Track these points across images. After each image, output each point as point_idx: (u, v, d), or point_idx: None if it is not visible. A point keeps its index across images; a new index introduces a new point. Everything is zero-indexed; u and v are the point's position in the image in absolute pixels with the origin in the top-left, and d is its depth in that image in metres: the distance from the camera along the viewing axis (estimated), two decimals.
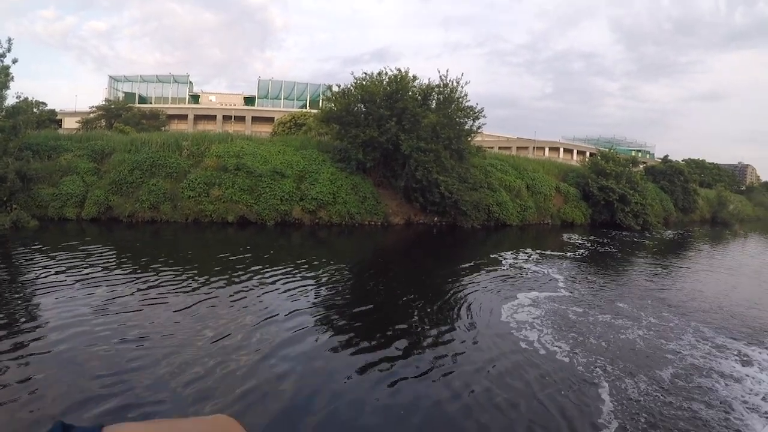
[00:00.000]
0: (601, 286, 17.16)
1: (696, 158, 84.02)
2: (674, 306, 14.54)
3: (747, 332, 12.23)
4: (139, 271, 13.93)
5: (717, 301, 15.72)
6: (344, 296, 13.34)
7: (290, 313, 10.93)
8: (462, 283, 15.55)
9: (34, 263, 14.11)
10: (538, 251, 23.20)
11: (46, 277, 12.73)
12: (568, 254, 23.72)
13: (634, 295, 15.69)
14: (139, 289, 11.99)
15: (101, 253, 16.24)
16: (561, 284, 16.43)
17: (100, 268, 13.85)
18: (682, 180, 53.39)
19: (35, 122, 35.87)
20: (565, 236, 30.75)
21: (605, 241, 30.18)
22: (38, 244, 16.97)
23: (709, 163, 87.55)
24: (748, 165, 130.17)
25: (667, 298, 15.70)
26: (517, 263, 19.73)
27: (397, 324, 10.95)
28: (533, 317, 12.07)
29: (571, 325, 11.74)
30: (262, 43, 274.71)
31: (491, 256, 21.28)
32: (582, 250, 25.41)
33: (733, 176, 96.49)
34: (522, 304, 13.35)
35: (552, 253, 23.53)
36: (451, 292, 14.42)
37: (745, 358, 10.25)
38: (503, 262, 19.80)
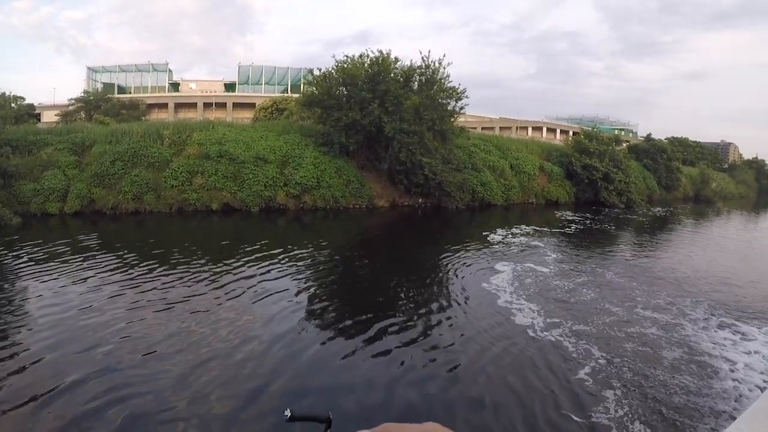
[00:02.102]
0: (589, 259, 17.54)
1: (679, 136, 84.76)
2: (665, 278, 14.98)
3: (723, 301, 12.82)
4: (124, 262, 13.89)
5: (704, 273, 16.12)
6: (332, 280, 13.42)
7: (289, 311, 10.81)
8: (449, 261, 15.70)
9: (20, 261, 13.88)
10: (526, 228, 23.52)
11: (32, 273, 12.73)
12: (558, 230, 24.11)
13: (621, 268, 16.09)
14: (125, 282, 11.95)
15: (86, 247, 16.19)
16: (550, 258, 16.77)
17: (86, 263, 13.78)
18: (665, 158, 53.86)
19: (13, 117, 35.59)
20: (558, 213, 31.28)
21: (594, 217, 30.67)
22: (22, 241, 16.72)
23: (692, 142, 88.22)
24: (730, 143, 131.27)
25: (655, 270, 16.17)
26: (503, 240, 19.99)
27: (387, 305, 11.09)
28: (520, 292, 12.29)
29: (562, 298, 12.02)
30: (243, 28, 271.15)
31: (477, 235, 21.51)
32: (572, 227, 25.83)
33: (715, 154, 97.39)
34: (509, 278, 13.58)
35: (540, 229, 23.87)
36: (439, 271, 14.65)
37: (720, 325, 10.94)
38: (490, 240, 20.05)
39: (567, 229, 24.79)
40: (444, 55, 30.93)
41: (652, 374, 7.67)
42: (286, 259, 14.68)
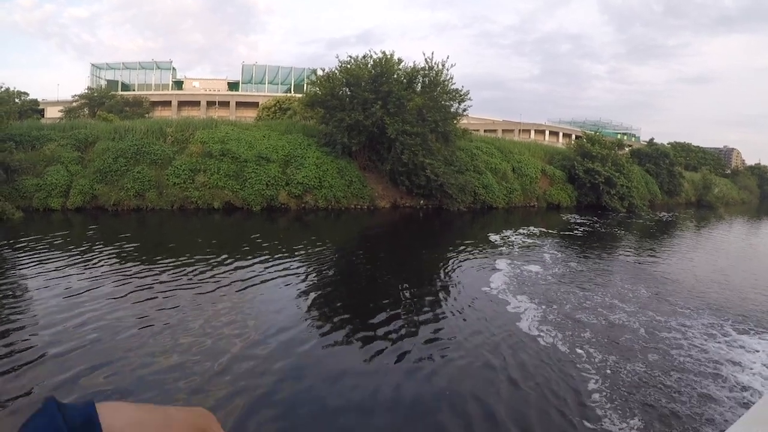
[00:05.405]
0: (594, 263, 17.47)
1: (681, 141, 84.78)
2: (670, 281, 15.03)
3: (727, 305, 12.83)
4: (125, 259, 13.89)
5: (709, 278, 16.49)
6: (332, 280, 13.37)
7: (279, 297, 11.02)
8: (451, 262, 15.67)
9: (20, 255, 13.89)
10: (529, 231, 23.52)
11: (32, 269, 12.70)
12: (562, 234, 24.05)
13: (629, 272, 16.14)
14: (127, 281, 11.86)
15: (87, 241, 16.26)
16: (553, 261, 16.69)
17: (85, 259, 13.77)
18: (668, 163, 53.70)
19: (17, 112, 35.65)
20: (564, 217, 31.36)
21: (599, 221, 30.66)
22: (24, 236, 16.81)
23: (695, 147, 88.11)
24: (733, 149, 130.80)
25: (662, 273, 16.18)
26: (506, 243, 19.95)
27: (387, 306, 10.95)
28: (523, 295, 12.20)
29: (565, 302, 11.97)
30: (246, 27, 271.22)
31: (479, 236, 21.51)
32: (577, 230, 25.80)
33: (718, 160, 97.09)
34: (512, 281, 13.53)
35: (543, 232, 23.82)
36: (440, 272, 14.61)
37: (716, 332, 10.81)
38: (492, 242, 20.03)
39: (572, 232, 24.77)
40: (447, 57, 31.07)
41: (652, 377, 7.66)
42: (287, 258, 14.69)
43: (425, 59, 30.86)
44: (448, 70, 30.95)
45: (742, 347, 9.20)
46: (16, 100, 44.04)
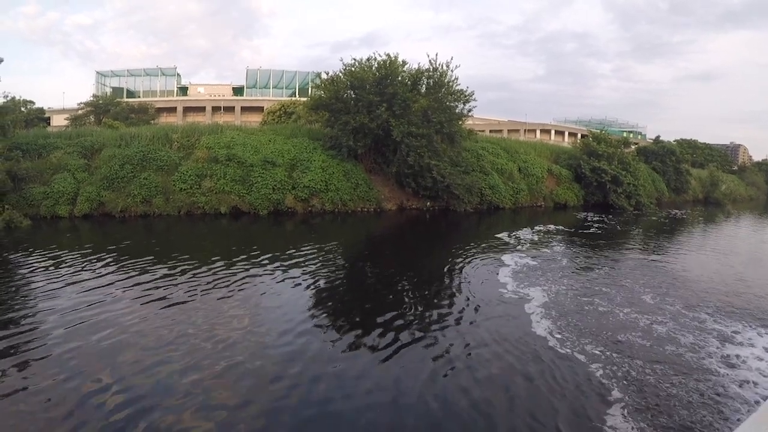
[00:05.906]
0: (603, 260, 17.37)
1: (688, 138, 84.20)
2: (681, 279, 14.86)
3: (734, 303, 12.69)
4: (132, 264, 13.87)
5: (717, 275, 16.18)
6: (340, 282, 13.33)
7: (287, 300, 11.01)
8: (459, 264, 15.57)
9: (29, 263, 13.92)
10: (536, 231, 23.35)
11: (41, 275, 12.77)
12: (569, 233, 23.86)
13: (642, 270, 16.01)
14: (135, 283, 11.93)
15: (95, 249, 16.19)
16: (561, 261, 16.57)
17: (95, 265, 13.77)
18: (674, 160, 53.31)
19: (23, 121, 35.85)
20: (571, 215, 31.08)
21: (609, 220, 30.48)
22: (32, 244, 16.89)
23: (701, 143, 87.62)
24: (740, 145, 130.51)
25: (673, 271, 15.98)
26: (514, 243, 19.82)
27: (395, 308, 10.88)
28: (533, 295, 12.08)
29: (575, 303, 11.89)
30: (249, 31, 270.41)
31: (487, 237, 21.37)
32: (584, 229, 25.58)
33: (725, 156, 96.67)
34: (521, 281, 13.42)
35: (552, 232, 23.63)
36: (449, 274, 14.49)
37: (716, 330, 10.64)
38: (500, 242, 19.91)
39: (580, 231, 24.58)
40: (452, 58, 30.96)
41: (658, 377, 7.56)
42: (295, 261, 14.63)
43: (429, 60, 30.82)
44: (452, 71, 30.91)
45: (751, 345, 9.10)
46: (22, 109, 44.29)
